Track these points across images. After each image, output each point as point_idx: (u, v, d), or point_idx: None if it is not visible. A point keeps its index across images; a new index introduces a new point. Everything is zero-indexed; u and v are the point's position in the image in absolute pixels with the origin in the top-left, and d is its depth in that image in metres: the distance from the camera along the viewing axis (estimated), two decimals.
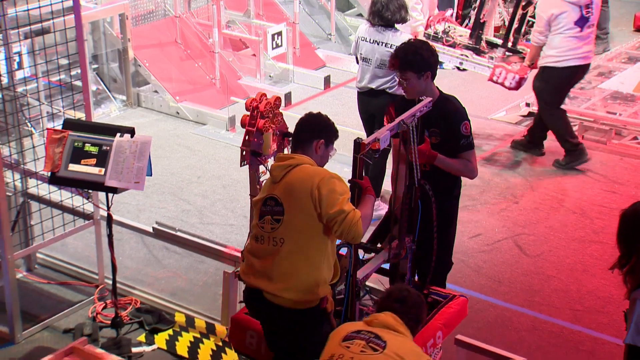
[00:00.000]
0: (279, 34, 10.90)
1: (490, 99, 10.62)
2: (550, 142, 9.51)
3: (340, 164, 8.05)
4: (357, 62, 8.34)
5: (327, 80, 11.10)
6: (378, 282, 5.96)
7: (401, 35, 8.11)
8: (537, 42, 9.27)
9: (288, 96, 10.63)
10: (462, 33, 9.92)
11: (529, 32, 9.70)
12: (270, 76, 11.20)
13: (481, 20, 9.72)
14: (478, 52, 9.63)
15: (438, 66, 6.02)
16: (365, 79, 8.16)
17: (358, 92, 8.34)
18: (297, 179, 4.98)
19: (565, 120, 9.38)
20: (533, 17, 9.56)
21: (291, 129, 9.51)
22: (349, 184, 5.12)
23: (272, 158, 5.50)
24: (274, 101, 5.70)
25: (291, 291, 4.96)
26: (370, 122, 8.23)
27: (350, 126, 9.81)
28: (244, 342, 5.56)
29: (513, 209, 8.48)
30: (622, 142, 9.68)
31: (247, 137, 5.79)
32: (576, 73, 9.28)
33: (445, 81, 10.61)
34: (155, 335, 6.58)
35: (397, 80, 8.09)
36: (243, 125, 5.83)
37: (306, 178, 4.95)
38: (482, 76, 9.66)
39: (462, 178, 6.29)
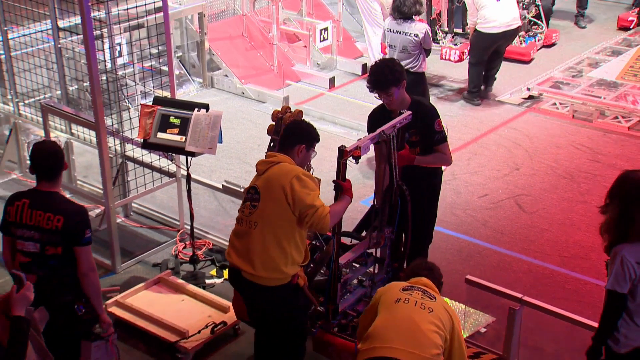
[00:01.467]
0: (326, 29, 10.86)
1: (498, 83, 10.53)
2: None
3: None
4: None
5: (364, 67, 11.05)
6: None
7: (416, 25, 8.19)
8: (472, 24, 9.97)
9: (332, 80, 10.61)
10: None
11: None
12: (317, 64, 11.17)
13: (431, 18, 10.36)
14: (434, 40, 10.28)
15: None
16: None
17: None
18: (275, 174, 4.80)
19: (480, 72, 10.04)
20: None
21: (332, 109, 9.51)
22: (333, 184, 4.98)
23: None
24: (297, 114, 5.54)
25: (262, 269, 4.76)
26: None
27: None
28: (243, 311, 5.30)
29: (514, 174, 8.45)
30: (605, 120, 9.57)
31: (271, 144, 5.65)
32: (498, 39, 9.81)
33: (461, 69, 10.60)
34: (224, 270, 6.64)
35: (420, 62, 8.18)
36: (269, 133, 5.68)
37: (282, 174, 4.77)
38: None
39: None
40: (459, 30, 10.79)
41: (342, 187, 4.96)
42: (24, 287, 3.91)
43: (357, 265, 5.67)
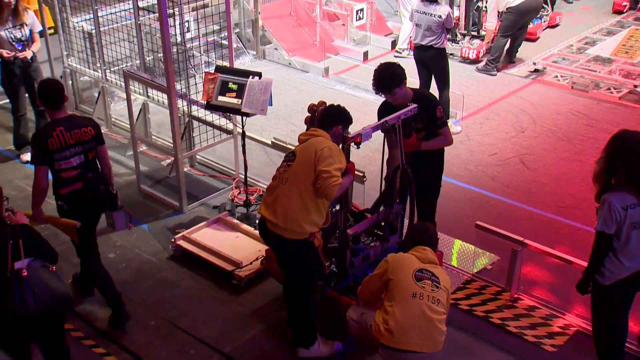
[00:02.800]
0: (361, 10, 10.72)
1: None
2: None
3: None
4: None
5: (393, 43, 10.91)
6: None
7: (440, 7, 8.02)
8: (490, 27, 10.07)
9: (366, 54, 10.48)
10: None
11: None
12: (353, 40, 11.04)
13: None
14: (454, 41, 10.32)
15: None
16: (418, 37, 8.11)
17: (414, 46, 8.29)
18: (313, 141, 4.65)
19: (504, 45, 9.89)
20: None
21: (365, 78, 9.40)
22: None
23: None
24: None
25: (283, 220, 4.57)
26: (421, 66, 8.20)
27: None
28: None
29: (520, 136, 8.31)
30: (599, 91, 9.36)
31: None
32: (527, 11, 9.78)
33: None
34: None
35: (442, 39, 8.02)
36: (306, 123, 5.53)
37: (319, 142, 4.62)
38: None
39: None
40: (474, 33, 10.61)
41: (346, 168, 4.77)
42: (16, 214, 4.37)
43: (376, 243, 5.46)
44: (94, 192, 5.15)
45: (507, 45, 10.13)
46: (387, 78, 5.26)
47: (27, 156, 7.68)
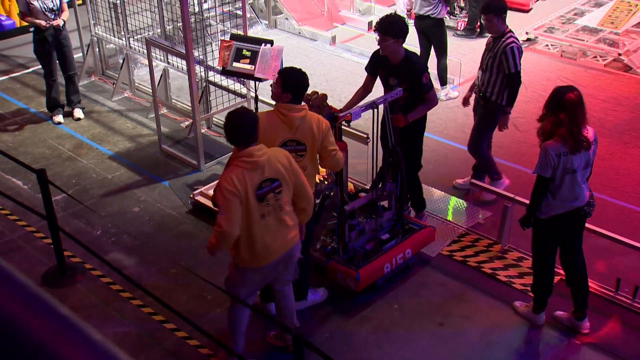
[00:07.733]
0: None
1: None
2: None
3: None
4: None
5: (395, 13, 10.68)
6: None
7: None
8: None
9: (370, 23, 10.24)
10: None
11: None
12: (359, 10, 10.80)
13: None
14: (453, 14, 10.17)
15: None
16: (417, 7, 7.91)
17: (415, 16, 8.10)
18: (311, 121, 4.33)
19: (478, 15, 9.50)
20: None
21: (370, 47, 9.20)
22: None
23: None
24: (322, 97, 5.08)
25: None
26: (421, 34, 8.02)
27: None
28: None
29: None
30: (586, 59, 9.15)
31: None
32: None
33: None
34: None
35: (439, 9, 7.81)
36: None
37: (318, 122, 4.34)
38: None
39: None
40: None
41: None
42: None
43: (373, 217, 5.30)
44: None
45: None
46: (388, 24, 5.09)
47: (58, 118, 7.61)
